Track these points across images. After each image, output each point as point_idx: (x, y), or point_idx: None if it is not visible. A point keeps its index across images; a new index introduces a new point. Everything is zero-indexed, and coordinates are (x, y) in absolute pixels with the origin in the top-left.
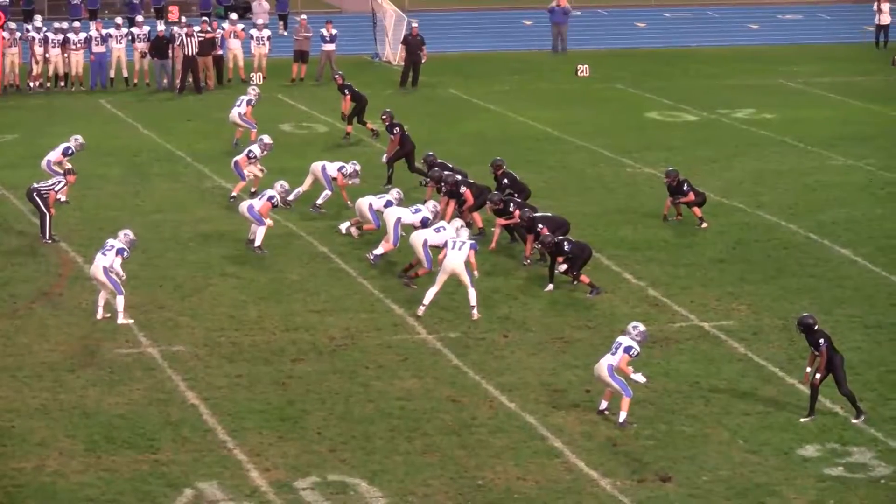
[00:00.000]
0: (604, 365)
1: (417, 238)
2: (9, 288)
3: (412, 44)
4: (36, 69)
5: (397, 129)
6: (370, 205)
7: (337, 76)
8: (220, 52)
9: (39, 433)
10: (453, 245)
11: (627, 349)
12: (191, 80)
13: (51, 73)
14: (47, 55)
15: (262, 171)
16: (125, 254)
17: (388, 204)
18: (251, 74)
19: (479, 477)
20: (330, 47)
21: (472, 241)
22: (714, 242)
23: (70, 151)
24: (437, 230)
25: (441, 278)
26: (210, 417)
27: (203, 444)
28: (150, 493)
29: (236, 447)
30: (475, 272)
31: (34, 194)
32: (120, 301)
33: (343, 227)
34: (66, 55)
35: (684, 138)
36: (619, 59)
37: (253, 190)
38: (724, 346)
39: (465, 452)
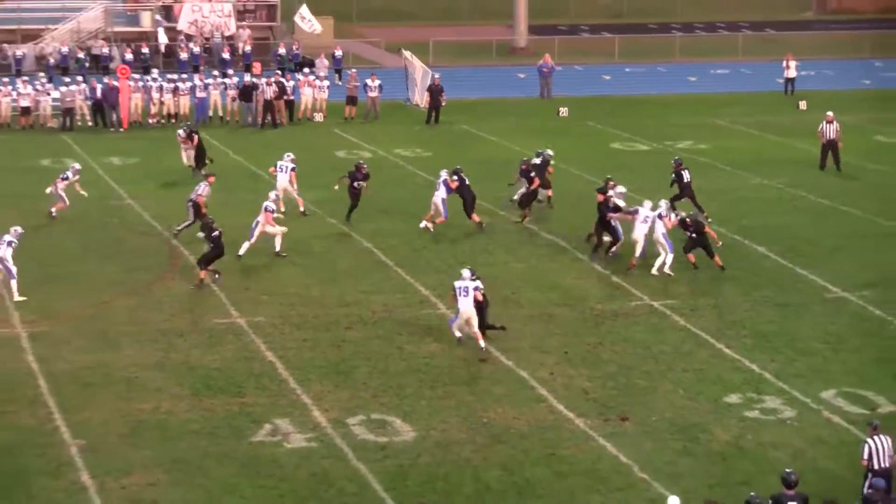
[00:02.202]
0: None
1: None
2: (133, 274)
3: (435, 91)
4: (153, 109)
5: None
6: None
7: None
8: (292, 97)
9: (156, 382)
10: (461, 292)
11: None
12: (269, 118)
13: (164, 112)
14: (162, 99)
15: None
16: (14, 244)
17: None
18: (314, 114)
19: (484, 416)
20: (374, 94)
21: (476, 284)
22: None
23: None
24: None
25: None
26: (283, 371)
27: (278, 391)
28: (239, 427)
29: (303, 393)
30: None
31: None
32: (14, 283)
33: (422, 224)
34: (176, 99)
35: (640, 162)
36: (591, 103)
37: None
38: (668, 319)
39: (474, 398)
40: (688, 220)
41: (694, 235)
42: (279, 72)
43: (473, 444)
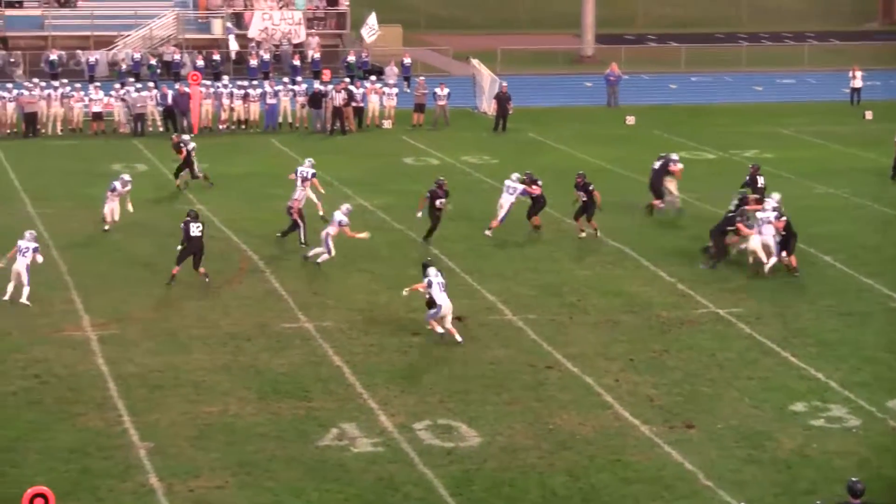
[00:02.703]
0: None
1: None
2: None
3: (502, 99)
4: (224, 115)
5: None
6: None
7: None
8: (361, 104)
9: (223, 385)
10: (439, 287)
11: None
12: (338, 125)
13: (235, 118)
14: (232, 105)
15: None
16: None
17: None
18: (382, 121)
19: (549, 422)
20: (442, 102)
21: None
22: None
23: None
24: None
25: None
26: (350, 376)
27: (345, 395)
28: (306, 430)
29: (369, 398)
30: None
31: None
32: (27, 290)
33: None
34: (246, 105)
35: (705, 171)
36: (657, 112)
37: (321, 214)
38: (734, 327)
39: (540, 404)
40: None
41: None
42: (348, 79)
43: (539, 449)
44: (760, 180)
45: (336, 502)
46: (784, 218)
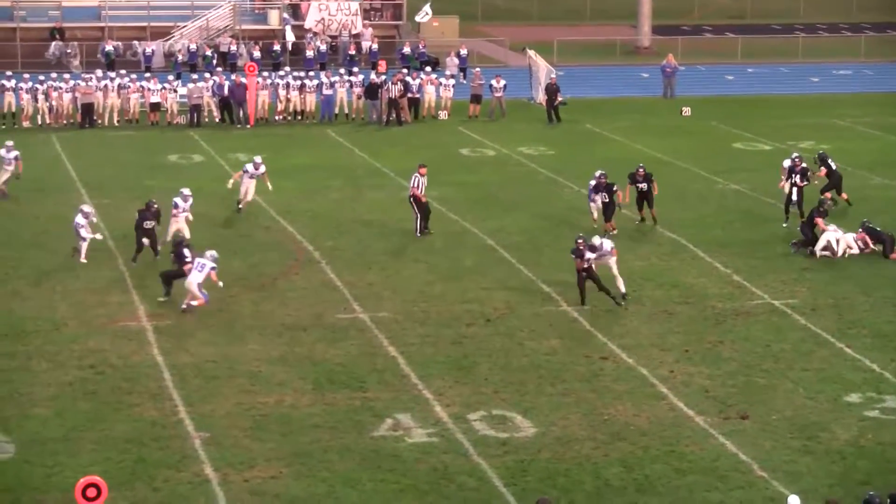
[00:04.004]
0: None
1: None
2: (258, 268)
3: (550, 90)
4: (280, 106)
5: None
6: None
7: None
8: (417, 95)
9: (279, 376)
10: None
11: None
12: (394, 116)
13: (291, 109)
14: (289, 96)
15: None
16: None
17: None
18: (439, 112)
19: (604, 413)
20: (499, 94)
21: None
22: (784, 240)
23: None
24: None
25: None
26: (405, 366)
27: (400, 385)
28: (361, 421)
29: (424, 388)
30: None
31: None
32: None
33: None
34: (302, 96)
35: (762, 162)
36: (713, 103)
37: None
38: (789, 318)
39: (595, 395)
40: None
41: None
42: (405, 70)
43: (593, 440)
44: (832, 164)
45: (390, 492)
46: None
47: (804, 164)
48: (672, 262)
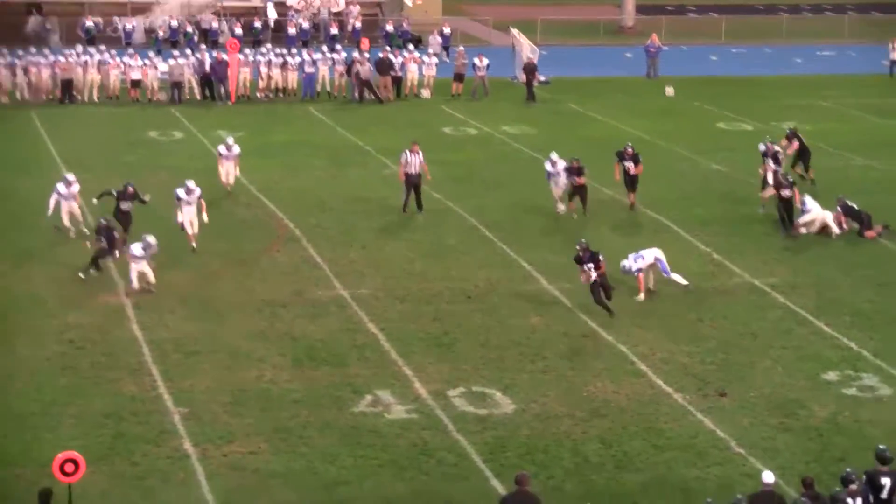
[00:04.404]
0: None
1: None
2: (239, 245)
3: (528, 69)
4: (262, 83)
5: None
6: None
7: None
8: (399, 73)
9: (259, 352)
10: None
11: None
12: (370, 95)
13: (273, 86)
14: (270, 73)
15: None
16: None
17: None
18: (421, 90)
19: (584, 390)
20: (482, 73)
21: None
22: (764, 220)
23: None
24: None
25: None
26: (385, 343)
27: (380, 362)
28: (341, 397)
29: (404, 365)
30: None
31: None
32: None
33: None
34: (284, 73)
35: (744, 143)
36: (697, 84)
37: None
38: (768, 297)
39: (574, 373)
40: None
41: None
42: (387, 47)
43: (573, 417)
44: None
45: (370, 468)
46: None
47: (776, 147)
48: (653, 240)
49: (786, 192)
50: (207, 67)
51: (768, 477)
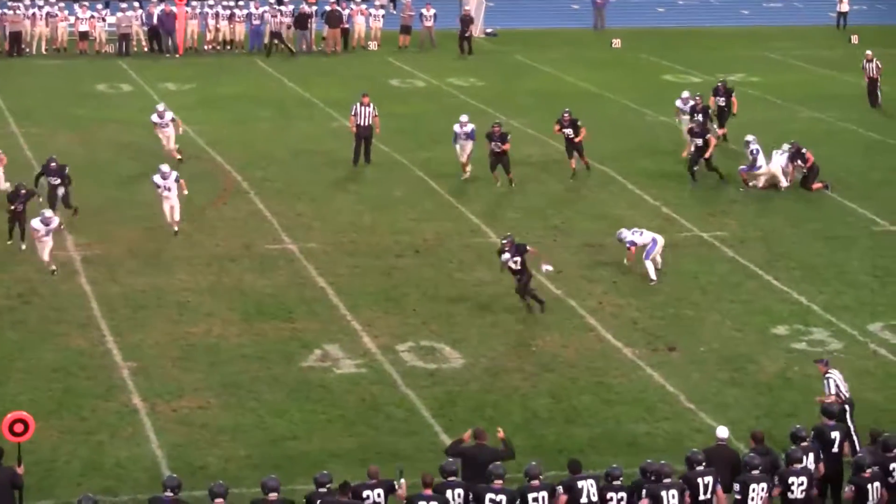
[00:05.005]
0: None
1: None
2: (187, 199)
3: (464, 21)
4: (209, 36)
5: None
6: None
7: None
8: (347, 25)
9: (207, 306)
10: None
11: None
12: (280, 47)
13: (220, 39)
14: (218, 25)
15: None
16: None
17: None
18: (369, 42)
19: (533, 345)
20: (429, 23)
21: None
22: (711, 175)
23: None
24: None
25: None
26: (334, 297)
27: (329, 316)
28: (290, 352)
29: (353, 319)
30: None
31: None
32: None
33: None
34: (231, 26)
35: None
36: (644, 35)
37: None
38: (717, 250)
39: (523, 327)
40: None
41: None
42: (335, 1)
43: (522, 371)
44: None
45: (319, 423)
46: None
47: (699, 102)
48: (601, 193)
49: (697, 142)
50: (155, 20)
51: (722, 432)
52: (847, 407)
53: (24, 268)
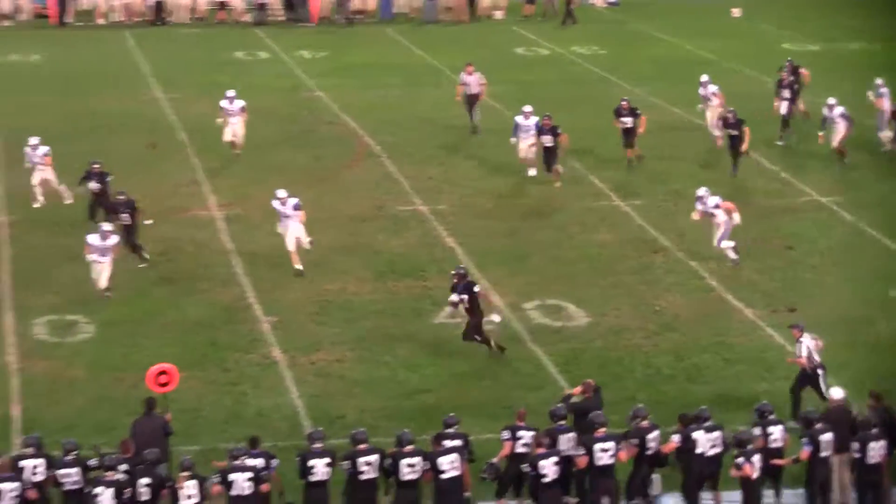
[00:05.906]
0: None
1: None
2: (321, 162)
3: None
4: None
5: None
6: None
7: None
8: None
9: (342, 264)
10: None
11: None
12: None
13: (352, 8)
14: None
15: None
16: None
17: None
18: (494, 11)
19: (655, 304)
20: None
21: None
22: (825, 146)
23: None
24: None
25: None
26: (463, 256)
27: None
28: (421, 308)
29: (481, 279)
30: None
31: None
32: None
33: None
34: None
35: (808, 62)
36: (765, 4)
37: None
38: (836, 215)
39: (645, 287)
40: None
41: None
42: None
43: (644, 330)
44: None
45: (449, 377)
46: None
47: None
48: (721, 159)
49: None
50: None
51: (837, 393)
52: (820, 371)
53: (168, 227)
